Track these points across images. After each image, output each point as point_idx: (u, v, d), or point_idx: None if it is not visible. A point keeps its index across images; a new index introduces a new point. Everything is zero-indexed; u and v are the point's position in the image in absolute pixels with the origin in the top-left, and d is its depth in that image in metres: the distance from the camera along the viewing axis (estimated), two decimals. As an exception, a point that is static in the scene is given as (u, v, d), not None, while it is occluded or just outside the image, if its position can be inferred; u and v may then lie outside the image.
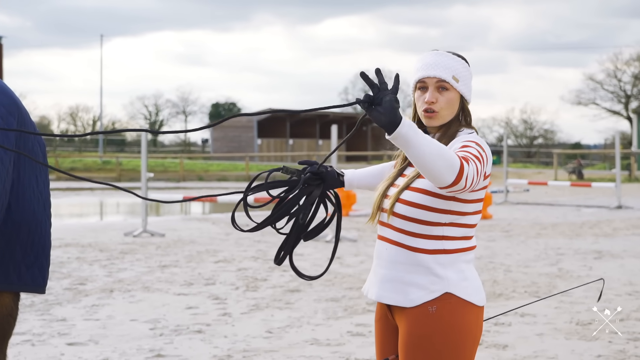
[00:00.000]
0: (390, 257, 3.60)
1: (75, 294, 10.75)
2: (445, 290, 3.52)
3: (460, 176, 3.22)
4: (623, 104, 74.82)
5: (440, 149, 3.18)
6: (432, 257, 3.53)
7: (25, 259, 4.09)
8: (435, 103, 3.60)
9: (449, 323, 3.53)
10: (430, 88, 3.62)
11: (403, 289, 3.57)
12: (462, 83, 3.64)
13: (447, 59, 3.64)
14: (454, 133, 3.63)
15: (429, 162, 3.18)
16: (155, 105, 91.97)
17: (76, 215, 25.19)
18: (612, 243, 16.41)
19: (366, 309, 9.71)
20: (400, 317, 3.63)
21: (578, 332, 8.54)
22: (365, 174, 4.01)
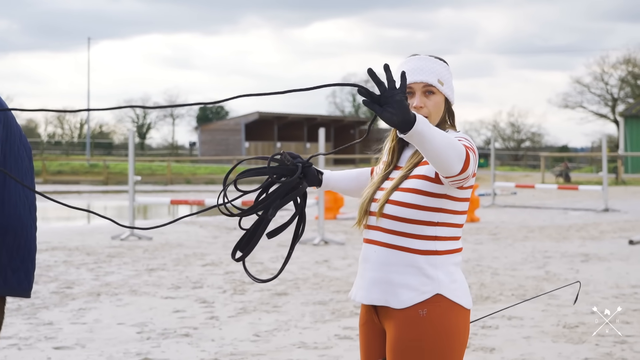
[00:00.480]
0: (379, 260, 3.59)
1: (62, 298, 10.72)
2: (436, 291, 3.52)
3: (467, 164, 3.27)
4: (610, 107, 75.09)
5: (449, 138, 3.22)
6: (424, 257, 3.53)
7: (11, 263, 4.08)
8: (423, 108, 3.61)
9: (439, 327, 3.52)
10: (417, 93, 3.63)
11: (393, 290, 3.56)
12: (447, 86, 3.67)
13: (431, 63, 3.66)
14: None
15: (442, 153, 3.19)
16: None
17: (63, 218, 25.13)
18: (599, 246, 16.45)
19: (354, 312, 9.71)
20: (388, 321, 3.62)
21: (565, 335, 8.56)
22: (343, 176, 4.03)
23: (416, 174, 3.55)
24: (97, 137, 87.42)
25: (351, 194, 4.07)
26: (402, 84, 3.07)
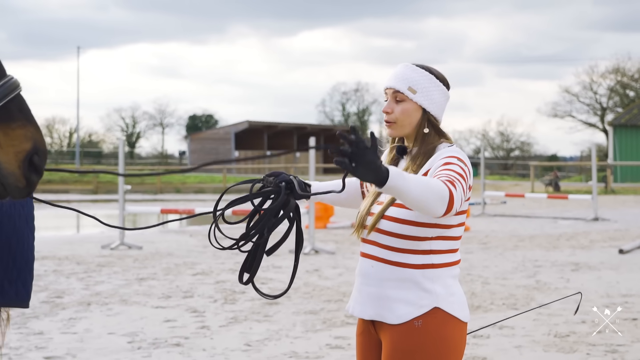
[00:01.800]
0: (376, 275, 3.59)
1: (52, 307, 10.68)
2: (434, 305, 3.52)
3: (451, 205, 3.24)
4: (599, 116, 75.33)
5: (428, 185, 3.19)
6: (420, 271, 3.52)
7: (8, 274, 4.06)
8: (390, 114, 3.64)
9: (435, 338, 3.52)
10: (389, 99, 3.67)
11: (390, 305, 3.55)
12: (422, 95, 3.63)
13: (408, 70, 3.66)
14: (432, 149, 3.62)
15: (421, 202, 3.19)
16: (132, 117, 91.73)
17: (53, 227, 25.05)
18: (589, 255, 16.47)
19: (345, 322, 9.70)
20: (384, 332, 3.62)
21: (556, 344, 8.57)
22: (331, 187, 4.00)
23: None
24: (86, 145, 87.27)
25: (340, 204, 4.06)
26: (372, 143, 3.05)
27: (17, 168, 2.93)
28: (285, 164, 65.01)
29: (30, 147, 2.95)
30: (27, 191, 3.00)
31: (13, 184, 2.95)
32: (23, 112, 2.98)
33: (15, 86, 2.99)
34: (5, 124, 2.92)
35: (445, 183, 3.26)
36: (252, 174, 65.87)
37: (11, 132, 2.92)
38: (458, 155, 3.52)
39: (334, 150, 3.07)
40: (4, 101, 2.94)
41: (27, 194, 3.01)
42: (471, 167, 3.57)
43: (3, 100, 2.93)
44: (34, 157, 2.95)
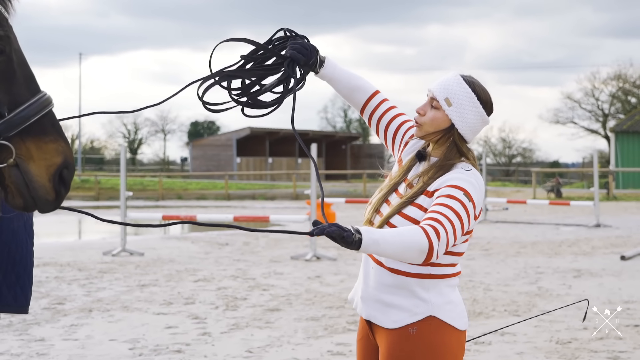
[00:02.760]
0: (375, 277, 3.61)
1: (53, 314, 10.68)
2: (429, 313, 3.52)
3: (430, 255, 3.30)
4: (601, 122, 75.24)
5: (403, 242, 3.27)
6: (416, 280, 3.53)
7: (7, 279, 4.06)
8: (421, 115, 3.65)
9: (429, 344, 3.52)
10: (427, 100, 3.68)
11: (385, 310, 3.57)
12: (455, 110, 3.61)
13: (453, 82, 3.66)
14: (449, 166, 3.61)
15: (398, 257, 3.34)
16: (134, 123, 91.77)
17: (54, 234, 25.05)
18: (591, 261, 16.45)
19: (346, 328, 9.69)
20: (380, 337, 3.63)
21: (558, 351, 8.55)
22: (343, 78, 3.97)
23: (418, 203, 3.55)
24: (88, 152, 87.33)
25: (342, 97, 4.02)
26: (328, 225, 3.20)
27: (47, 181, 3.03)
28: (287, 170, 65.01)
29: (61, 161, 3.05)
30: (56, 205, 3.09)
31: (43, 197, 3.04)
32: (55, 127, 3.09)
33: (49, 102, 3.09)
34: (38, 138, 3.02)
35: (428, 234, 3.29)
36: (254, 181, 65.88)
37: (44, 146, 3.02)
38: (467, 186, 3.50)
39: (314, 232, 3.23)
40: (39, 116, 3.03)
41: (54, 208, 3.10)
42: (481, 195, 3.56)
43: (37, 115, 3.03)
44: (63, 171, 3.05)
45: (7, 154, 3.01)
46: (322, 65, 3.82)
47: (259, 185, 60.64)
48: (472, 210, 3.45)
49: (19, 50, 3.16)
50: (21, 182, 3.03)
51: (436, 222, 3.33)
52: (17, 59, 3.12)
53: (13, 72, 3.08)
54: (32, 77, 3.15)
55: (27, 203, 3.06)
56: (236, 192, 54.55)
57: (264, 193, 53.78)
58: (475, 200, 3.49)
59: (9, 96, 3.05)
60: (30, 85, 3.12)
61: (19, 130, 3.01)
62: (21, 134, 3.02)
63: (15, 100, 3.05)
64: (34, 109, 3.04)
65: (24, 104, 3.04)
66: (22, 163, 3.02)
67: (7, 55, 3.07)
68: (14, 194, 3.05)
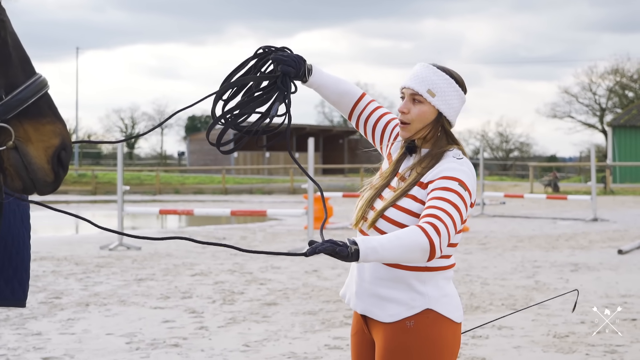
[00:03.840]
0: (370, 271, 3.58)
1: (50, 308, 10.67)
2: (426, 306, 3.51)
3: (433, 254, 3.29)
4: (598, 117, 75.30)
5: (403, 245, 3.25)
6: (413, 273, 3.51)
7: (4, 273, 4.04)
8: (406, 114, 3.61)
9: (426, 337, 3.51)
10: (406, 98, 3.63)
11: (382, 304, 3.55)
12: (440, 98, 3.60)
13: (429, 72, 3.63)
14: (440, 153, 3.60)
15: (401, 260, 3.34)
16: (132, 118, 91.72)
17: (51, 228, 25.03)
18: (588, 255, 16.46)
19: (344, 322, 9.68)
20: (377, 331, 3.61)
21: (555, 345, 8.55)
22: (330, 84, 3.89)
23: (412, 194, 3.53)
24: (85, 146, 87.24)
25: (330, 103, 3.96)
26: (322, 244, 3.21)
27: (46, 163, 3.04)
28: (285, 165, 64.99)
29: (59, 142, 3.07)
30: (54, 186, 3.10)
31: (42, 178, 3.05)
32: (52, 109, 3.11)
33: (44, 84, 3.12)
34: (35, 120, 3.04)
35: (427, 232, 3.27)
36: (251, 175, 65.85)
37: (41, 128, 3.04)
38: (462, 175, 3.49)
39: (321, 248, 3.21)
40: (35, 98, 3.05)
41: (53, 189, 3.11)
42: (474, 183, 3.55)
43: (34, 97, 3.05)
44: (61, 153, 3.07)
45: (5, 136, 3.02)
46: (310, 74, 3.77)
47: (256, 179, 60.62)
48: (468, 199, 3.45)
49: (14, 33, 3.16)
50: (20, 164, 3.03)
51: (434, 218, 3.31)
52: (12, 41, 3.12)
53: (9, 55, 3.09)
54: (27, 59, 3.17)
55: (26, 185, 3.07)
56: (233, 186, 54.55)
57: (261, 187, 53.80)
58: (471, 189, 3.49)
59: (6, 79, 3.06)
60: (25, 67, 3.13)
61: (17, 113, 3.02)
62: (18, 117, 3.03)
63: (11, 82, 3.06)
64: (31, 91, 3.05)
65: (21, 86, 3.05)
66: (21, 145, 3.03)
67: (2, 38, 3.07)
68: (13, 176, 3.06)
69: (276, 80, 3.63)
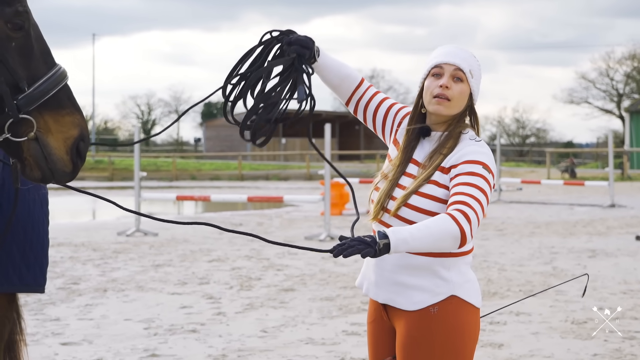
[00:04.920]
0: (392, 260, 3.54)
1: (68, 294, 10.70)
2: (451, 292, 3.50)
3: (464, 241, 3.29)
4: (615, 102, 74.91)
5: (433, 234, 3.25)
6: (438, 260, 3.49)
7: (25, 259, 4.05)
8: (448, 89, 3.54)
9: (451, 324, 3.50)
10: (446, 75, 3.56)
11: (406, 292, 3.52)
12: (475, 80, 3.61)
13: (467, 54, 3.62)
14: (457, 134, 3.56)
15: (432, 249, 3.34)
16: (148, 104, 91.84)
17: (69, 214, 25.12)
18: (606, 242, 16.40)
19: (361, 308, 9.68)
20: (398, 318, 3.59)
21: (574, 331, 8.53)
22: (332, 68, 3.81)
23: (434, 180, 3.50)
24: (102, 133, 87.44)
25: (330, 87, 3.88)
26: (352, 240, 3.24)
27: (65, 154, 3.08)
28: (301, 151, 64.97)
29: (78, 133, 3.11)
30: (72, 175, 3.13)
31: (61, 169, 3.09)
32: (71, 100, 3.13)
33: (64, 76, 3.13)
34: (55, 111, 3.06)
35: (456, 219, 3.26)
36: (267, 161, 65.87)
37: (61, 119, 3.07)
38: (484, 159, 3.47)
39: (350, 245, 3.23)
40: (56, 90, 3.07)
41: (71, 179, 3.14)
42: (495, 165, 3.53)
43: (55, 88, 3.07)
44: (79, 144, 3.10)
45: (27, 127, 3.03)
46: (318, 55, 3.71)
47: (273, 165, 60.68)
48: (492, 181, 3.46)
49: (36, 25, 3.17)
50: (40, 155, 3.05)
51: (463, 204, 3.30)
52: (34, 33, 3.13)
53: (31, 47, 3.10)
54: (48, 51, 3.17)
55: (45, 175, 3.09)
56: (250, 172, 54.61)
57: (277, 173, 53.83)
58: (493, 170, 3.49)
59: (28, 71, 3.07)
60: (47, 59, 3.14)
61: (37, 105, 3.03)
62: (39, 108, 3.04)
63: (34, 75, 3.07)
64: (52, 83, 3.07)
65: (42, 78, 3.06)
66: (41, 136, 3.05)
67: (25, 30, 3.07)
68: (32, 166, 3.08)
69: (293, 63, 3.57)
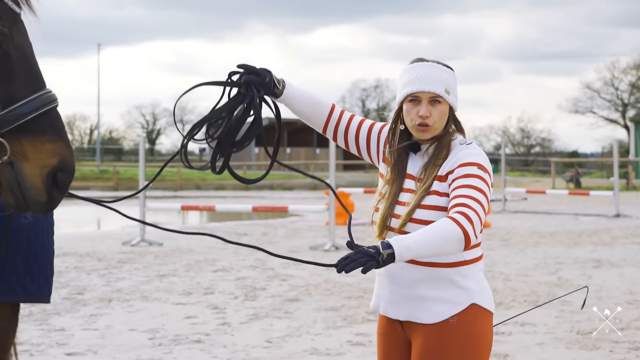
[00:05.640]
0: (406, 275, 3.54)
1: (73, 304, 10.70)
2: (470, 301, 3.52)
3: (468, 242, 3.30)
4: (620, 112, 74.83)
5: (436, 239, 3.26)
6: (453, 269, 3.50)
7: (30, 269, 4.04)
8: (429, 117, 3.57)
9: (470, 333, 3.51)
10: (424, 102, 3.57)
11: (426, 306, 3.53)
12: (452, 95, 3.62)
13: (439, 71, 3.60)
14: (447, 143, 3.59)
15: (438, 253, 3.34)
16: (153, 114, 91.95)
17: (74, 224, 25.13)
18: (611, 252, 16.38)
19: (366, 319, 9.67)
20: (416, 331, 3.58)
21: (579, 342, 8.51)
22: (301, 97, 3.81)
23: (434, 190, 3.52)
24: (107, 142, 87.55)
25: (303, 118, 3.87)
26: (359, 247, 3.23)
27: (40, 182, 2.95)
28: (305, 160, 64.97)
29: (57, 162, 2.97)
30: (48, 207, 3.00)
31: (34, 198, 2.97)
32: (55, 128, 2.99)
33: (50, 101, 3.00)
34: (34, 137, 2.94)
35: (458, 221, 3.28)
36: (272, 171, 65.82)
37: (40, 146, 2.94)
38: (479, 160, 3.51)
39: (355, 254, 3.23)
40: (36, 114, 2.95)
41: (48, 210, 3.02)
42: (490, 165, 3.56)
43: (34, 113, 2.94)
44: (58, 173, 2.97)
45: (1, 151, 2.95)
46: (281, 86, 3.69)
47: (277, 175, 60.62)
48: (489, 180, 3.50)
49: (23, 45, 3.05)
50: (13, 180, 2.96)
51: (463, 207, 3.32)
52: (17, 54, 3.01)
53: (11, 68, 2.99)
54: (34, 73, 3.07)
55: (19, 203, 3.00)
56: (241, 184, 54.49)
57: (282, 183, 53.83)
58: (488, 169, 3.52)
59: (5, 93, 2.96)
60: (31, 81, 3.03)
61: (15, 128, 2.93)
62: (17, 132, 2.94)
63: (11, 97, 2.96)
64: (31, 107, 2.95)
65: (20, 101, 2.96)
66: (17, 162, 2.95)
67: (4, 51, 2.98)
68: (7, 192, 2.99)
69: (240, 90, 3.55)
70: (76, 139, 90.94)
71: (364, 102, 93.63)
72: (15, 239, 3.95)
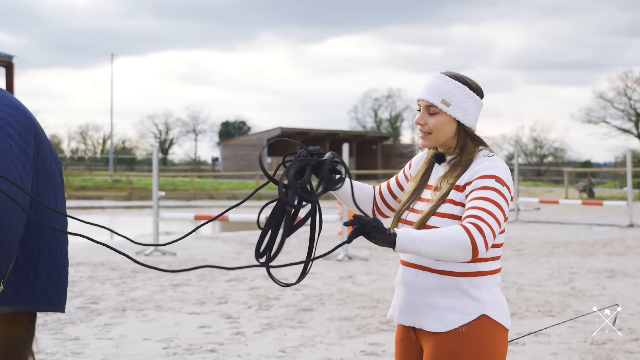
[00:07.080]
0: (421, 283, 3.57)
1: (87, 313, 10.74)
2: (481, 312, 3.52)
3: (476, 252, 3.32)
4: (633, 122, 74.71)
5: (441, 241, 3.30)
6: (466, 279, 3.52)
7: (51, 278, 4.08)
8: (424, 125, 3.64)
9: (479, 343, 3.51)
10: (422, 110, 3.66)
11: (436, 314, 3.55)
12: (455, 107, 3.62)
13: (442, 82, 3.64)
14: (470, 160, 3.62)
15: (439, 257, 3.36)
16: (166, 124, 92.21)
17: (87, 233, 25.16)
18: (625, 262, 16.34)
19: (379, 329, 9.68)
20: (427, 338, 3.60)
21: (593, 352, 8.50)
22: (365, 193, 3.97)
23: (450, 198, 3.55)
24: (119, 152, 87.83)
25: (347, 204, 3.95)
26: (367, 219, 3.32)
27: None
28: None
29: None
30: None
31: None
32: None
33: None
34: None
35: (468, 230, 3.32)
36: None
37: None
38: (498, 173, 3.52)
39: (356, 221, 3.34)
40: None
41: None
42: (511, 179, 3.58)
43: None
44: None
45: None
46: None
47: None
48: (507, 195, 3.50)
49: None
50: None
51: (476, 218, 3.34)
52: None
53: None
54: None
55: None
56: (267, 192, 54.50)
57: (294, 193, 53.78)
58: (508, 184, 3.53)
59: None
60: None
61: None
62: None
63: None
64: None
65: None
66: None
67: None
68: None
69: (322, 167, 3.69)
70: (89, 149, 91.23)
71: (376, 111, 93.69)
72: (38, 248, 3.99)
